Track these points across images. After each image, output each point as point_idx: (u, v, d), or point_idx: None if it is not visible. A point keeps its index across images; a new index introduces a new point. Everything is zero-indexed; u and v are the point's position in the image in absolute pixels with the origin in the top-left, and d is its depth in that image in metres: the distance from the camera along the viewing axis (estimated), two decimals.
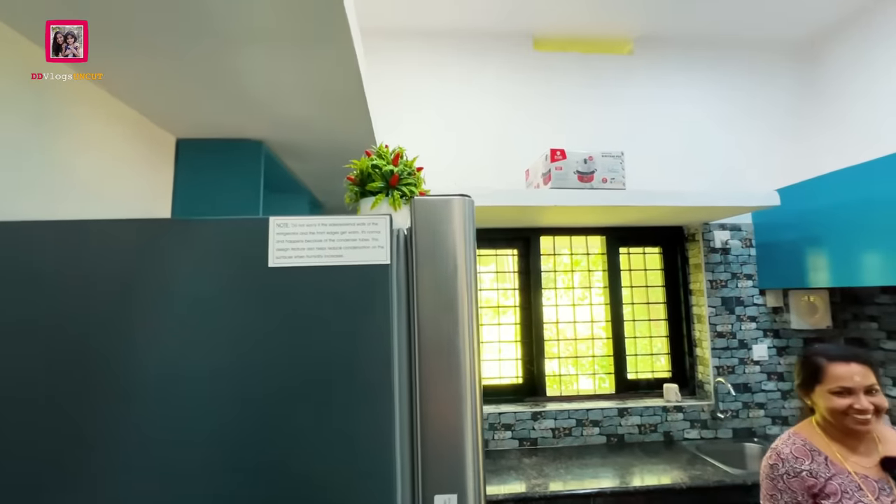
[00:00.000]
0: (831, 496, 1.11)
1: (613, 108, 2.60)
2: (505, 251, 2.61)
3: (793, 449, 1.20)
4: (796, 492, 1.14)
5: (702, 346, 2.52)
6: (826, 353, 1.21)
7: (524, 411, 2.33)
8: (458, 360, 0.52)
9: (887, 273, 1.86)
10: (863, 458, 1.15)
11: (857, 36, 2.44)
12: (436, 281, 0.53)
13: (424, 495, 0.45)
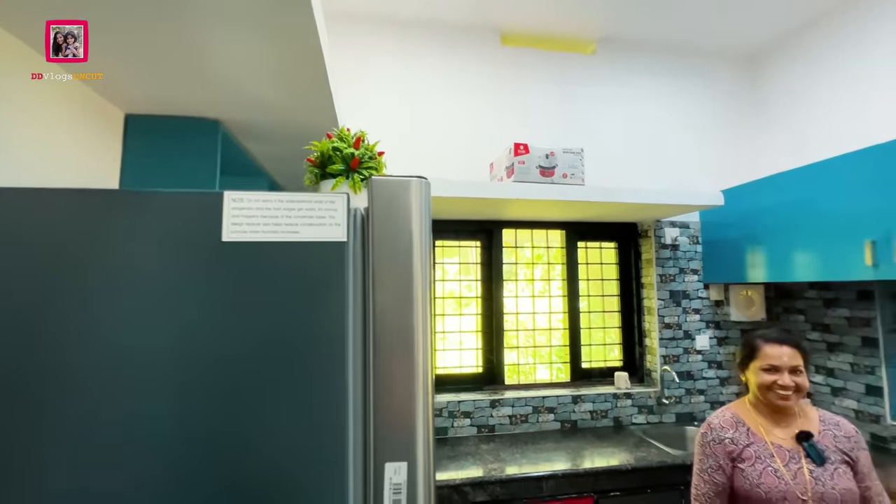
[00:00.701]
0: (746, 460, 1.24)
1: (576, 106, 2.68)
2: (469, 243, 2.65)
3: (721, 420, 1.33)
4: (719, 456, 1.27)
5: (651, 336, 2.66)
6: (764, 335, 1.34)
7: (483, 399, 2.39)
8: (411, 336, 0.53)
9: (813, 270, 2.04)
10: (782, 431, 1.28)
11: (793, 52, 2.63)
12: (392, 259, 0.54)
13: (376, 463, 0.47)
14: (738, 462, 1.25)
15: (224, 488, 0.47)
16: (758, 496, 1.19)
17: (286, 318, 0.51)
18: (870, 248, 1.77)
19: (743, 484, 1.22)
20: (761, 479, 1.20)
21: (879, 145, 1.79)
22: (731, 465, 1.26)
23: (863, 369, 2.26)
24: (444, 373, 2.53)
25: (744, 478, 1.22)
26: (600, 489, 1.92)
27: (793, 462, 1.21)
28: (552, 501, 1.86)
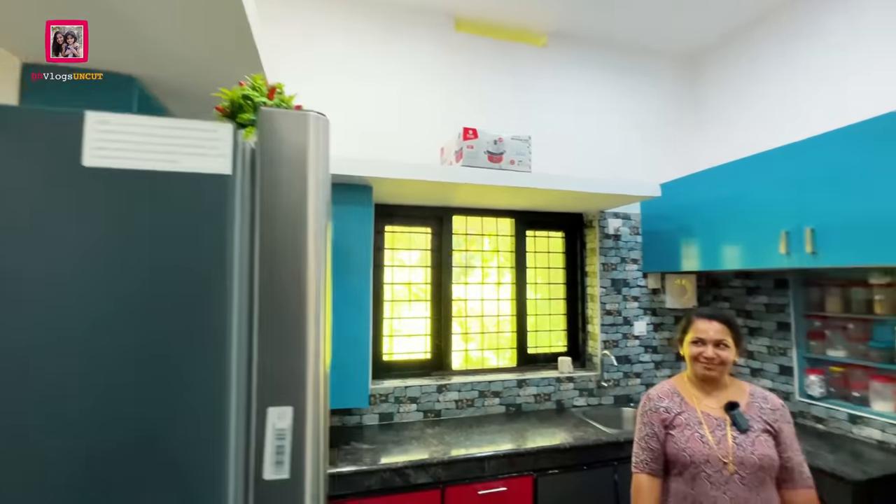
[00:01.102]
0: (677, 427, 1.33)
1: (527, 97, 2.72)
2: (419, 229, 2.63)
3: (659, 391, 1.43)
4: (654, 424, 1.36)
5: (593, 322, 2.77)
6: (699, 312, 1.42)
7: (430, 384, 2.39)
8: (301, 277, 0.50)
9: (738, 259, 2.20)
10: (713, 401, 1.37)
11: (730, 54, 2.80)
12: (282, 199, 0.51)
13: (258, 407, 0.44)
14: (670, 429, 1.34)
15: (84, 442, 0.42)
16: (684, 459, 1.27)
17: (161, 252, 0.46)
18: (784, 239, 1.93)
19: (672, 448, 1.31)
20: (688, 443, 1.29)
21: (794, 143, 1.95)
22: (664, 431, 1.34)
23: (777, 351, 2.46)
24: (392, 359, 2.51)
25: (674, 443, 1.31)
26: (540, 468, 1.98)
27: (718, 429, 1.30)
28: (494, 481, 1.90)
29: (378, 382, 2.35)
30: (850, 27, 2.16)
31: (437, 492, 1.83)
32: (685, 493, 1.28)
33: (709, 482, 1.25)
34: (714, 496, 1.24)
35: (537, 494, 1.94)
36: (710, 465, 1.25)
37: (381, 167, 1.88)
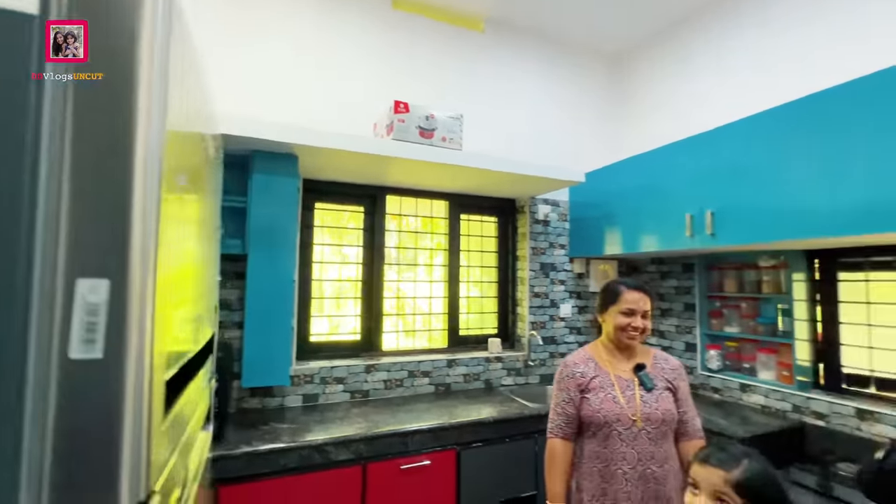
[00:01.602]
0: (592, 390, 1.41)
1: (462, 79, 2.74)
2: (351, 208, 2.57)
3: (575, 358, 1.49)
4: (571, 390, 1.43)
5: (522, 304, 2.86)
6: (625, 282, 1.49)
7: (358, 364, 2.35)
8: (127, 125, 0.45)
9: (651, 243, 2.36)
10: (624, 365, 1.46)
11: (655, 53, 3.00)
12: (104, 44, 0.45)
13: (66, 279, 0.39)
14: (585, 392, 1.41)
15: None
16: (599, 420, 1.36)
17: None
18: (689, 222, 2.10)
19: (588, 411, 1.39)
20: (602, 405, 1.38)
21: (698, 135, 2.12)
22: (580, 396, 1.41)
23: (684, 330, 2.68)
24: (320, 340, 2.43)
25: (589, 405, 1.39)
26: (464, 441, 2.01)
27: (628, 390, 1.40)
28: (417, 456, 1.90)
29: (303, 363, 2.26)
30: (759, 29, 2.39)
31: (359, 468, 1.79)
32: (598, 451, 1.36)
33: (620, 439, 1.35)
34: (624, 452, 1.34)
35: (460, 466, 1.97)
36: (622, 424, 1.35)
37: (307, 134, 1.80)
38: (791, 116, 1.73)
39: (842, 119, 1.57)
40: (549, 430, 1.44)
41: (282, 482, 1.66)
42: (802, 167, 1.67)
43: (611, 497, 1.33)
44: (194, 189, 0.78)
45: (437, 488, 1.91)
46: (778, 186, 1.75)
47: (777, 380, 2.19)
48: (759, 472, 0.90)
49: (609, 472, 1.34)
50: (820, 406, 1.99)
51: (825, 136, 1.61)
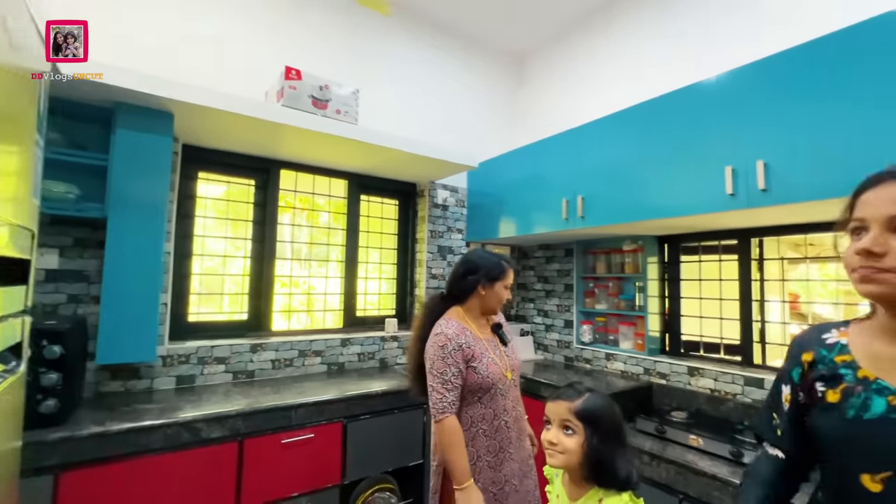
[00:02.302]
0: (476, 357, 1.47)
1: (364, 60, 2.74)
2: (241, 180, 2.43)
3: (454, 331, 1.48)
4: (459, 362, 1.44)
5: (419, 286, 2.93)
6: (508, 261, 1.61)
7: (242, 344, 2.23)
8: None
9: (536, 226, 2.56)
10: (485, 328, 1.61)
11: (550, 54, 3.27)
12: None
13: None
14: (471, 362, 1.45)
15: None
16: (487, 384, 1.46)
17: None
18: (565, 206, 2.33)
19: (475, 378, 1.44)
20: (489, 369, 1.47)
21: (572, 129, 2.36)
22: (465, 366, 1.45)
23: (563, 308, 2.96)
24: (201, 319, 2.26)
25: (477, 373, 1.45)
26: (351, 414, 2.01)
27: (496, 349, 1.54)
28: (301, 429, 1.86)
29: (178, 343, 2.09)
30: (631, 37, 2.72)
31: (235, 444, 1.71)
32: (484, 413, 1.45)
33: (500, 395, 1.48)
34: (504, 404, 1.48)
35: (346, 438, 1.97)
36: (501, 381, 1.48)
37: (181, 90, 1.67)
38: (639, 117, 2.01)
39: (667, 121, 1.86)
40: (442, 409, 1.39)
41: (141, 463, 1.53)
42: (649, 161, 1.96)
43: (502, 447, 1.46)
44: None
45: (321, 461, 1.90)
46: (631, 176, 2.02)
47: (634, 348, 2.52)
48: (597, 402, 1.06)
49: (494, 428, 1.45)
50: (663, 367, 2.33)
51: (663, 134, 1.90)
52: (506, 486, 1.46)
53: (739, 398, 2.00)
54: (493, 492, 1.44)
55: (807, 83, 1.49)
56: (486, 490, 1.43)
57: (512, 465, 1.47)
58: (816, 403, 0.78)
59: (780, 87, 1.56)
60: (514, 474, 1.48)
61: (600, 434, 1.01)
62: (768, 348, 2.10)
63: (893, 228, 0.68)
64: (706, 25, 2.31)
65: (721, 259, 2.29)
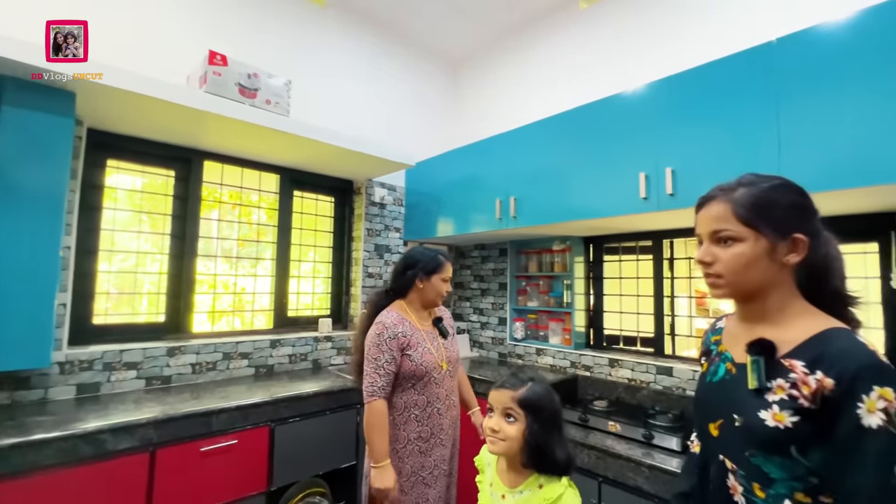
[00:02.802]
0: (411, 347, 1.55)
1: (301, 52, 2.65)
2: (158, 170, 2.25)
3: (392, 320, 1.57)
4: (393, 350, 1.52)
5: (356, 285, 2.88)
6: (445, 255, 1.70)
7: (157, 347, 2.06)
8: None
9: (471, 225, 2.62)
10: (426, 321, 1.69)
11: (486, 59, 3.36)
12: None
13: None
14: (406, 350, 1.54)
15: None
16: (421, 372, 1.54)
17: None
18: (498, 206, 2.40)
19: (410, 366, 1.53)
20: (423, 358, 1.55)
21: (505, 133, 2.45)
22: (400, 354, 1.53)
23: (498, 306, 3.06)
24: (109, 321, 2.06)
25: (411, 361, 1.53)
26: (279, 417, 1.93)
27: (434, 341, 1.64)
28: (222, 436, 1.75)
29: (80, 348, 1.89)
30: (564, 44, 2.87)
31: (146, 455, 1.57)
32: (416, 399, 1.54)
33: (434, 383, 1.57)
34: (437, 392, 1.57)
35: (274, 443, 1.89)
36: (436, 370, 1.57)
37: (84, 65, 1.51)
38: (566, 124, 2.14)
39: (590, 129, 2.00)
40: (372, 392, 1.48)
41: (30, 483, 1.35)
42: (575, 165, 2.08)
43: (434, 433, 1.55)
44: None
45: (246, 467, 1.80)
46: (559, 179, 2.14)
47: (562, 343, 2.66)
48: (538, 390, 1.10)
49: (426, 414, 1.54)
50: (588, 360, 2.48)
51: (587, 140, 2.03)
52: (435, 470, 1.55)
53: (652, 386, 2.18)
54: (423, 476, 1.53)
55: (706, 100, 1.67)
56: (415, 473, 1.52)
57: (443, 451, 1.57)
58: (700, 372, 0.95)
59: (685, 103, 1.72)
60: (445, 459, 1.58)
61: (541, 421, 1.05)
62: (677, 340, 2.31)
63: (716, 241, 0.82)
64: (627, 37, 2.50)
65: (638, 259, 2.48)
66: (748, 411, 0.76)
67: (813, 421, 0.69)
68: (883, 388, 0.65)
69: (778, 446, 0.71)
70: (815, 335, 0.74)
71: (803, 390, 0.70)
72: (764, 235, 0.77)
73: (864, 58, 1.34)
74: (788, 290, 0.80)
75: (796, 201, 0.80)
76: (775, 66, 1.50)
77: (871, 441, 0.64)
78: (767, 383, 0.75)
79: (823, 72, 1.40)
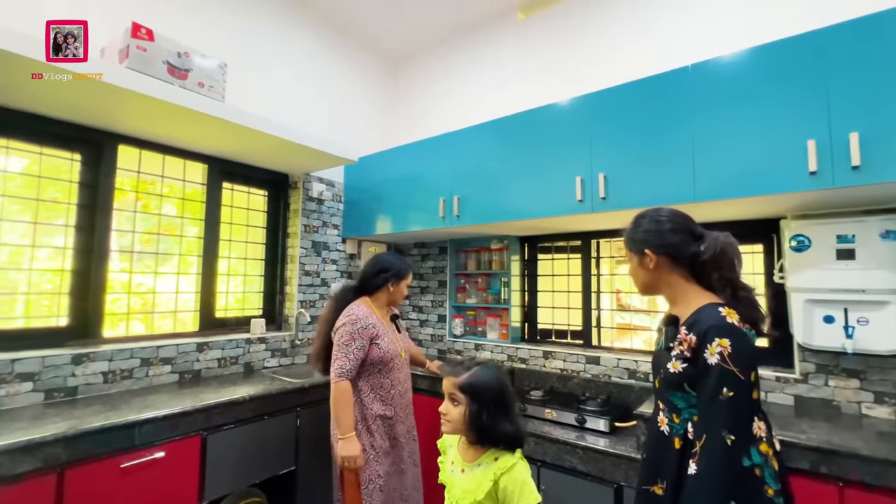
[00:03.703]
0: (380, 336, 1.79)
1: (237, 36, 2.48)
2: (58, 153, 1.97)
3: (363, 314, 1.80)
4: (364, 338, 1.75)
5: (291, 283, 2.76)
6: (409, 266, 1.99)
7: (60, 355, 1.80)
8: None
9: (414, 224, 2.64)
10: (386, 316, 1.94)
11: (431, 58, 3.38)
12: None
13: None
14: (374, 340, 1.77)
15: None
16: (387, 357, 1.78)
17: None
18: (442, 205, 2.45)
19: (378, 353, 1.76)
20: (389, 346, 1.80)
21: (449, 133, 2.51)
22: (369, 343, 1.76)
23: (437, 304, 3.10)
24: None
25: (379, 349, 1.77)
26: (212, 426, 1.79)
27: (394, 333, 1.91)
28: (147, 449, 1.59)
29: None
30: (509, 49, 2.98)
31: (52, 477, 1.38)
32: (382, 382, 1.79)
33: (397, 369, 1.82)
34: (399, 377, 1.84)
35: (206, 453, 1.75)
36: (398, 357, 1.83)
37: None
38: (509, 128, 2.24)
39: (531, 134, 2.13)
40: (340, 374, 1.69)
41: None
42: (517, 168, 2.19)
43: (396, 413, 1.78)
44: None
45: (175, 481, 1.65)
46: (502, 180, 2.24)
47: (499, 338, 2.78)
48: (479, 375, 1.17)
49: (390, 395, 1.79)
50: (524, 353, 2.62)
51: (529, 145, 2.15)
52: (396, 443, 1.80)
53: (582, 374, 2.37)
54: (386, 448, 1.76)
55: (634, 114, 1.85)
56: (381, 446, 1.74)
57: (401, 427, 1.82)
58: None
59: (616, 115, 1.90)
60: (403, 434, 1.82)
61: (480, 403, 1.13)
62: (603, 332, 2.53)
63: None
64: (565, 52, 2.67)
65: (569, 257, 2.67)
66: (665, 364, 1.06)
67: (690, 366, 1.00)
68: (721, 339, 0.94)
69: (678, 385, 1.03)
70: (696, 310, 1.04)
71: (684, 346, 1.01)
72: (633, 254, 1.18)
73: (752, 88, 1.59)
74: (678, 281, 1.11)
75: (648, 229, 1.14)
76: (689, 89, 1.72)
77: (710, 373, 0.95)
78: (670, 343, 1.06)
79: (724, 98, 1.64)
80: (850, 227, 1.66)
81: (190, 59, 1.77)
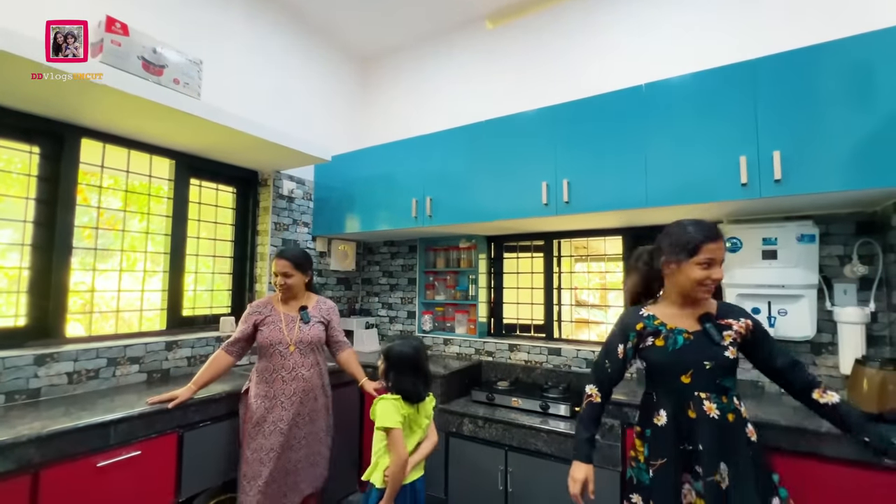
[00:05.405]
0: (265, 324, 1.94)
1: (204, 31, 2.44)
2: (14, 145, 1.88)
3: (258, 303, 2.02)
4: (248, 322, 1.94)
5: (261, 281, 2.75)
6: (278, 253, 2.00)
7: (21, 356, 1.74)
8: None
9: (385, 223, 2.71)
10: (292, 308, 2.02)
11: (401, 59, 3.44)
12: None
13: None
14: (259, 325, 1.94)
15: None
16: (267, 343, 1.90)
17: None
18: (414, 205, 2.54)
19: (260, 338, 1.92)
20: (271, 333, 1.92)
21: (421, 136, 2.61)
22: (253, 328, 1.94)
23: (407, 301, 3.19)
24: None
25: (262, 335, 1.92)
26: (189, 423, 1.80)
27: (292, 323, 1.97)
28: (123, 447, 1.58)
29: None
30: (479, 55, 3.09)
31: (26, 479, 1.36)
32: (266, 365, 1.90)
33: (279, 355, 1.90)
34: (283, 363, 1.90)
35: (183, 451, 1.75)
36: (281, 345, 1.91)
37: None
38: (480, 133, 2.37)
39: (501, 139, 2.27)
40: (223, 346, 1.93)
41: None
42: (489, 171, 2.32)
43: (276, 395, 1.85)
44: None
45: (151, 479, 1.65)
46: (474, 183, 2.36)
47: (467, 332, 2.91)
48: (392, 346, 1.67)
49: (272, 378, 1.88)
50: (490, 347, 2.77)
51: (499, 149, 2.29)
52: (273, 426, 1.82)
53: (545, 365, 2.54)
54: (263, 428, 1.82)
55: (595, 125, 2.03)
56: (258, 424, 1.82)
57: (281, 412, 1.84)
58: (649, 347, 1.35)
59: (579, 125, 2.07)
60: (282, 419, 1.84)
61: (387, 364, 1.65)
62: (563, 326, 2.72)
63: (720, 262, 1.28)
64: (532, 65, 2.83)
65: (532, 256, 2.84)
66: (718, 355, 1.27)
67: (741, 348, 1.31)
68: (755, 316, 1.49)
69: (733, 369, 1.28)
70: (717, 305, 1.35)
71: (742, 331, 1.30)
72: None
73: (695, 108, 1.80)
74: None
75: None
76: (643, 106, 1.91)
77: (767, 332, 1.34)
78: (717, 338, 1.28)
79: (671, 115, 1.84)
80: (773, 231, 1.92)
81: (165, 56, 1.75)
